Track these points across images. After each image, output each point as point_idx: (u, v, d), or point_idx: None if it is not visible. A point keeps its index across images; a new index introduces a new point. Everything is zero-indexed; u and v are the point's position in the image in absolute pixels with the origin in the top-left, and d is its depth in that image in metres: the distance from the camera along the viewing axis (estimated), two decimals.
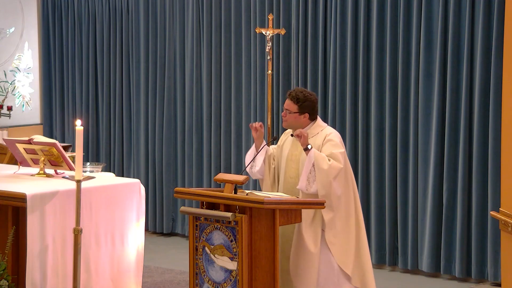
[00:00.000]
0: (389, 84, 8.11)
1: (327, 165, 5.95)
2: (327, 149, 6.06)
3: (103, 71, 10.08)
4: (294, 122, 6.20)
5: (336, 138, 6.14)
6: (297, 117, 6.18)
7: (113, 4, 9.97)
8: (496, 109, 7.45)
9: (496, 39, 7.46)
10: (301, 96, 6.17)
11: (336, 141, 6.11)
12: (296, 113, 6.18)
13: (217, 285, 5.91)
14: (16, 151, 6.70)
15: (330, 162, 5.97)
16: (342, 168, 6.00)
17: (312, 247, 6.00)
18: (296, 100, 6.16)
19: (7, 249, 5.90)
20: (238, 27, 9.08)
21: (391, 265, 8.22)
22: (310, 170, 5.98)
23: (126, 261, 6.44)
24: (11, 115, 10.25)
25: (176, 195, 6.19)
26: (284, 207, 5.78)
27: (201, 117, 9.39)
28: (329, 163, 5.96)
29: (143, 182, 8.80)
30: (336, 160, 6.01)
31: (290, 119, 6.20)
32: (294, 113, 6.18)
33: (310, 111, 6.19)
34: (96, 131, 10.21)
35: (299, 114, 6.18)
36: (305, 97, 6.17)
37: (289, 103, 6.19)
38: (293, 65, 8.66)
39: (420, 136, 7.97)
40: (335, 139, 6.12)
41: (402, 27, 8.01)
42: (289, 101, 6.19)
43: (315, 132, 6.18)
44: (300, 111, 6.17)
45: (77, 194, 5.59)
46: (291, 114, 6.18)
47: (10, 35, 10.32)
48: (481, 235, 7.69)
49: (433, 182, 7.88)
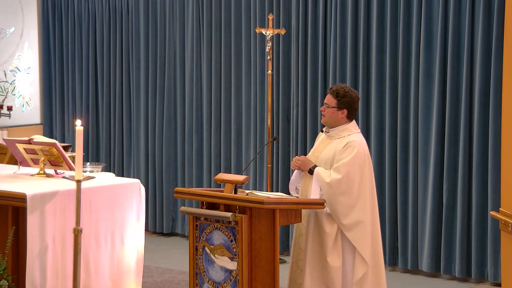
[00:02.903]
0: (389, 84, 8.11)
1: (326, 184, 5.93)
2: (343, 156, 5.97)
3: (103, 71, 10.08)
4: (331, 118, 6.07)
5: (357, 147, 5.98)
6: (334, 112, 6.05)
7: (113, 4, 9.97)
8: (496, 109, 7.44)
9: (496, 39, 7.46)
10: (341, 91, 6.05)
11: (355, 149, 5.96)
12: (334, 107, 6.04)
13: (217, 285, 5.91)
14: (16, 151, 6.70)
15: (329, 180, 5.93)
16: (340, 178, 5.92)
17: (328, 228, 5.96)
18: (336, 94, 6.04)
19: (7, 249, 5.90)
20: (238, 27, 9.08)
21: (391, 265, 8.22)
22: (320, 194, 5.97)
23: (126, 261, 6.44)
24: (11, 115, 10.25)
25: (176, 195, 6.19)
26: (284, 207, 5.78)
27: (201, 117, 9.39)
28: (328, 180, 5.93)
29: (143, 182, 8.80)
30: (336, 172, 5.95)
31: (328, 114, 6.07)
32: (332, 107, 6.04)
33: (348, 107, 6.04)
34: (96, 131, 10.22)
35: (337, 109, 6.04)
36: (345, 92, 6.05)
37: (328, 97, 6.07)
38: (293, 65, 8.66)
39: (420, 136, 7.97)
40: (355, 148, 5.97)
41: (402, 27, 8.01)
42: (329, 96, 6.08)
43: (342, 134, 6.06)
44: (338, 106, 6.04)
45: (77, 194, 5.59)
46: (329, 109, 6.05)
47: (10, 35, 10.32)
48: (481, 235, 7.68)
49: (433, 182, 7.88)
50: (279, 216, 5.76)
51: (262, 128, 8.89)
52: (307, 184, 6.09)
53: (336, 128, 6.10)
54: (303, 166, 6.07)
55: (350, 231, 5.95)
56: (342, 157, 5.96)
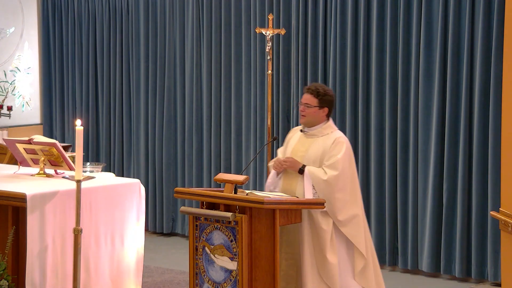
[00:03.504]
0: (389, 84, 8.11)
1: (323, 181, 5.94)
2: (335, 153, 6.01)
3: (103, 71, 10.08)
4: (313, 117, 6.10)
5: (345, 142, 6.06)
6: (316, 111, 6.09)
7: (113, 4, 9.97)
8: (496, 109, 7.44)
9: (496, 39, 7.46)
10: (321, 90, 6.08)
11: (344, 145, 6.03)
12: (316, 107, 6.08)
13: (217, 285, 5.91)
14: (16, 151, 6.70)
15: (326, 177, 5.95)
16: (337, 174, 5.96)
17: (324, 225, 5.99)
18: (317, 93, 6.07)
19: (7, 249, 5.90)
20: (238, 27, 9.08)
21: (391, 265, 8.22)
22: (313, 192, 5.98)
23: (126, 261, 6.44)
24: (11, 115, 10.25)
25: (176, 195, 6.19)
26: (284, 207, 5.78)
27: (201, 117, 9.39)
28: (325, 178, 5.95)
29: (143, 182, 8.80)
30: (332, 168, 5.98)
31: (310, 114, 6.09)
32: (314, 107, 6.08)
33: (330, 106, 6.10)
34: (96, 131, 10.22)
35: (319, 108, 6.08)
36: (325, 91, 6.10)
37: (308, 97, 6.08)
38: (293, 65, 8.66)
39: (420, 136, 7.97)
40: (344, 143, 6.04)
41: (402, 27, 8.01)
42: (308, 95, 6.08)
43: (325, 132, 6.11)
44: (320, 105, 6.08)
45: (77, 194, 5.58)
46: (311, 109, 6.08)
47: (10, 35, 10.32)
48: (481, 235, 7.69)
49: (433, 182, 7.88)
50: (279, 216, 5.76)
51: (262, 128, 8.89)
52: (293, 185, 6.09)
53: (317, 126, 6.14)
54: (292, 167, 6.07)
55: (345, 227, 6.01)
56: (334, 153, 6.00)
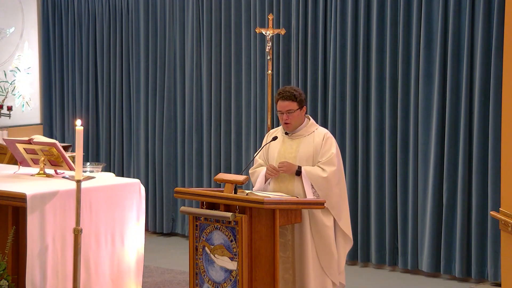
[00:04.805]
0: (389, 84, 8.11)
1: (323, 179, 6.01)
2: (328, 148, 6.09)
3: (103, 71, 10.08)
4: (297, 121, 6.17)
5: (332, 136, 6.20)
6: (299, 113, 6.15)
7: (113, 4, 9.97)
8: (496, 109, 7.44)
9: (496, 39, 7.46)
10: (295, 92, 6.15)
11: (333, 140, 6.17)
12: (297, 109, 6.14)
13: (217, 285, 5.91)
14: (16, 151, 6.70)
15: (326, 175, 6.02)
16: (335, 169, 6.06)
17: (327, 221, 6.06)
18: (294, 97, 6.13)
19: (7, 249, 5.90)
20: (238, 27, 9.08)
21: (391, 265, 8.22)
22: (313, 191, 6.03)
23: (126, 261, 6.44)
24: (11, 115, 10.25)
25: (176, 195, 6.19)
26: (284, 207, 5.78)
27: (201, 117, 9.39)
28: (325, 175, 6.02)
29: (143, 182, 8.80)
30: (330, 164, 6.06)
31: (294, 119, 6.15)
32: (296, 110, 6.14)
33: (305, 104, 6.26)
34: (96, 131, 10.21)
35: (300, 110, 6.15)
36: (297, 91, 6.17)
37: (288, 103, 6.12)
38: (293, 65, 8.66)
39: (420, 136, 7.97)
40: (332, 138, 6.18)
41: (402, 27, 8.01)
42: (287, 102, 6.12)
43: (311, 130, 6.20)
44: (300, 107, 6.15)
45: (77, 194, 5.58)
46: (294, 113, 6.13)
47: (10, 35, 10.32)
48: (481, 235, 7.68)
49: (433, 182, 7.88)
50: (279, 216, 5.76)
51: (262, 128, 8.88)
52: (289, 187, 6.13)
53: (301, 126, 6.21)
54: (288, 171, 6.11)
55: (341, 220, 6.13)
56: (327, 148, 6.10)
